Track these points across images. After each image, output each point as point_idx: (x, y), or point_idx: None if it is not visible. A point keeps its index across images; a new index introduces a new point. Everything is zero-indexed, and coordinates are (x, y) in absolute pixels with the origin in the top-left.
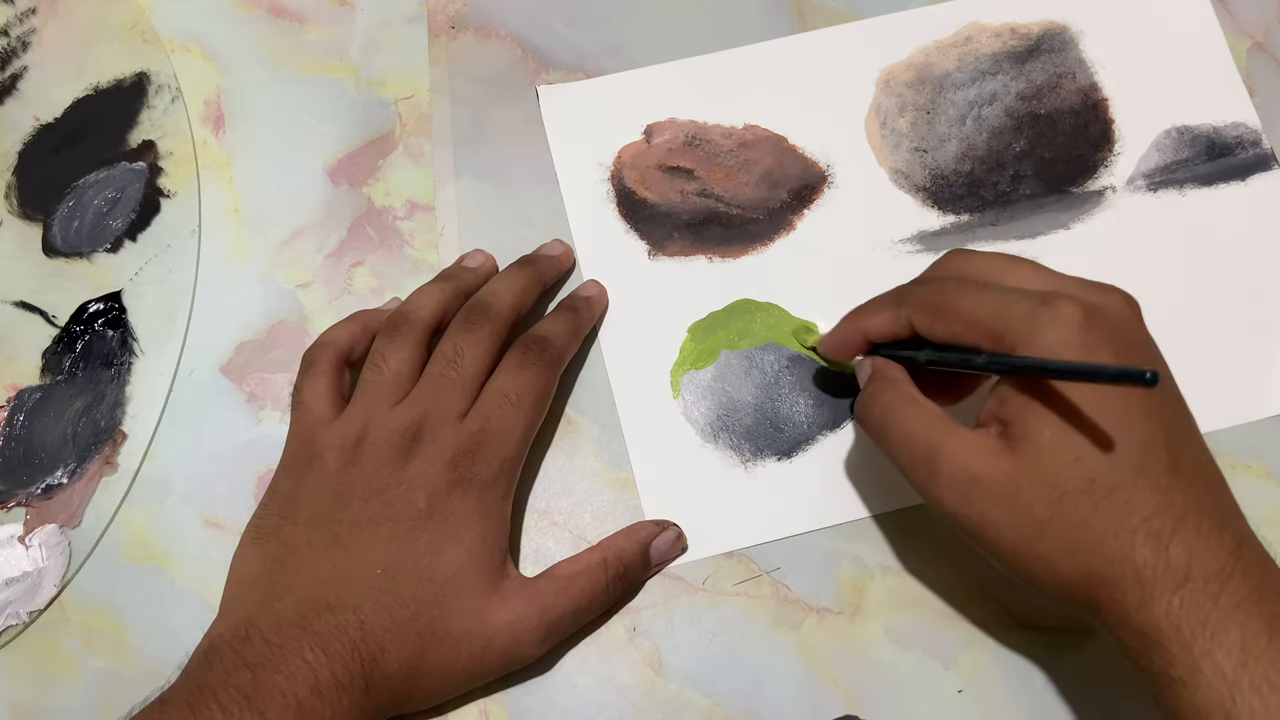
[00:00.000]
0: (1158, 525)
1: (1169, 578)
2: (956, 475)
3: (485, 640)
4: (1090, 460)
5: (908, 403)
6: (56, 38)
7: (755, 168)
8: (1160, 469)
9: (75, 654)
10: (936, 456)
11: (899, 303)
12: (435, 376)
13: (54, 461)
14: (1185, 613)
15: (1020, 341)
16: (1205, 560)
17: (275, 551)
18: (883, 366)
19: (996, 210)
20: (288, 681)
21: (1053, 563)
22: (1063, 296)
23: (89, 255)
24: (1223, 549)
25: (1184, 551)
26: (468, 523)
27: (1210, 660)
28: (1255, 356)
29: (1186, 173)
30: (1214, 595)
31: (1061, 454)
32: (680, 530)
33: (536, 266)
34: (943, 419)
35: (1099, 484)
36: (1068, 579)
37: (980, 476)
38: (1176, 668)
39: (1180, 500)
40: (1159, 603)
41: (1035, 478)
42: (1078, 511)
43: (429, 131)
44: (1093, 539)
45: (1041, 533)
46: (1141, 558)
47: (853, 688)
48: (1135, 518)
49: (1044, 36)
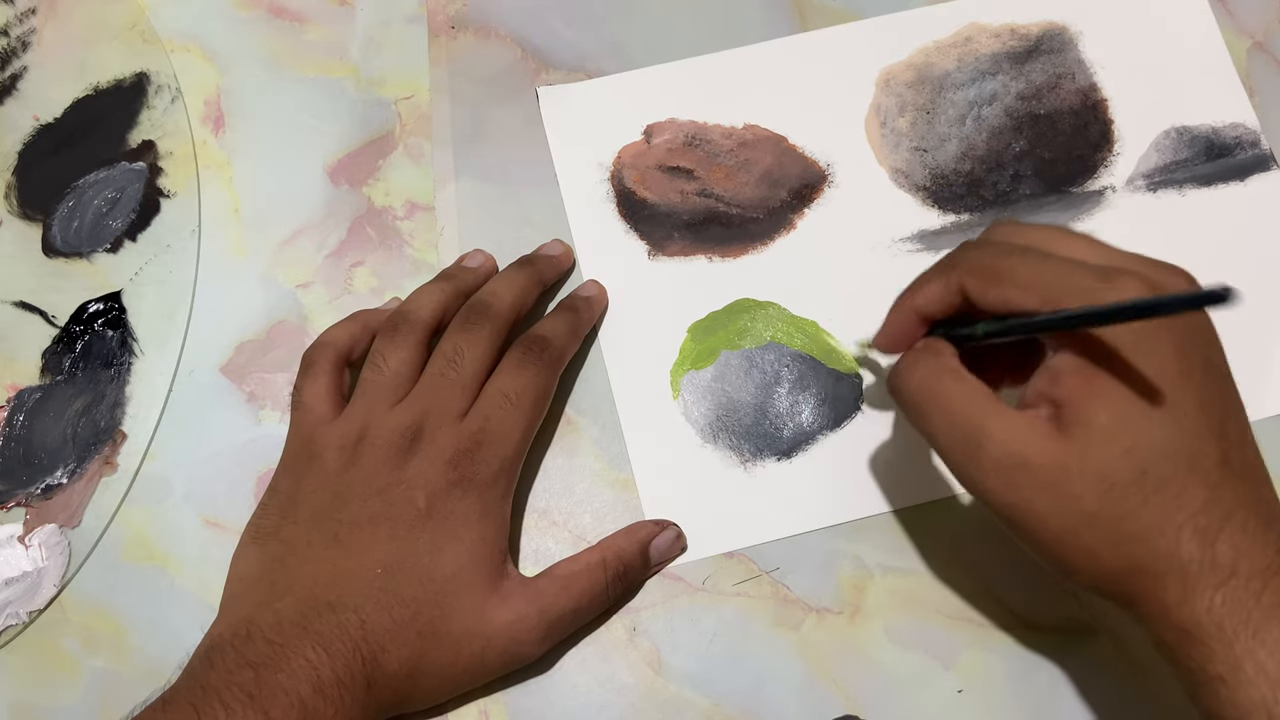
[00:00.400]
0: (1205, 521)
1: (1214, 574)
2: (1003, 460)
3: (485, 640)
4: (1143, 451)
5: (951, 376)
6: (56, 38)
7: (755, 167)
8: (1211, 464)
9: (75, 654)
10: (982, 438)
11: (951, 268)
12: (435, 376)
13: (54, 461)
14: (1227, 609)
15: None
16: (1251, 557)
17: (275, 551)
18: (924, 341)
19: (996, 210)
20: (290, 680)
21: (1097, 554)
22: (1127, 273)
23: (89, 255)
24: (1269, 547)
25: (1230, 549)
26: (467, 522)
27: (1252, 658)
28: (1255, 356)
29: (1186, 173)
30: (1257, 593)
31: (1115, 443)
32: (680, 530)
33: (536, 266)
34: (989, 397)
35: (1150, 476)
36: (1109, 571)
37: (1030, 462)
38: (1216, 664)
39: (1229, 496)
40: (1201, 599)
41: (1086, 466)
42: (1127, 504)
43: (429, 131)
44: (1140, 532)
45: (1089, 524)
46: (1188, 553)
47: (853, 688)
48: (1184, 513)
49: (1043, 37)
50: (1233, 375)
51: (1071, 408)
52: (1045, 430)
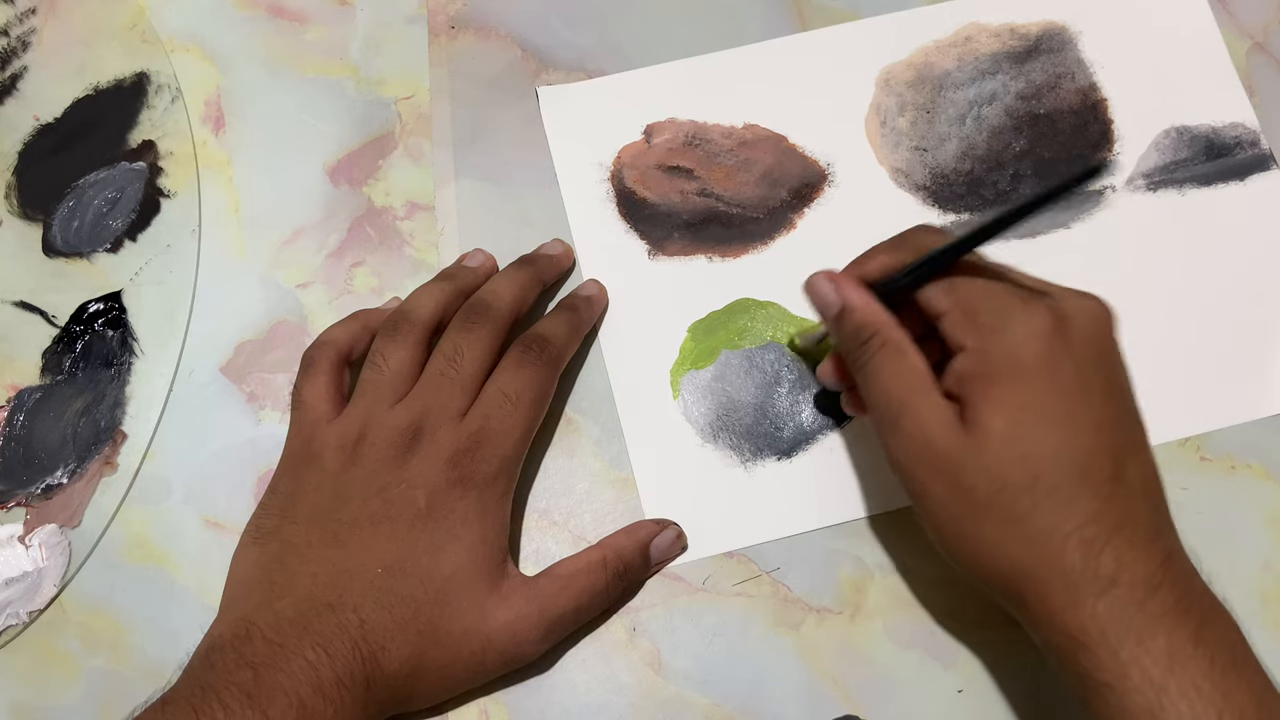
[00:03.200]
0: (1092, 532)
1: (1096, 583)
2: (914, 437)
3: (485, 639)
4: (1036, 458)
5: (896, 352)
6: (56, 38)
7: (755, 167)
8: (1103, 478)
9: (75, 654)
10: (902, 413)
11: (899, 246)
12: (435, 376)
13: (54, 461)
14: (1110, 618)
15: (990, 327)
16: (1134, 570)
17: (275, 551)
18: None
19: (997, 210)
20: (290, 680)
21: (983, 549)
22: (1042, 299)
23: (89, 255)
24: (1152, 560)
25: (1113, 560)
26: (467, 522)
27: (1138, 665)
28: (1254, 356)
29: (1185, 173)
30: (1140, 602)
31: (1010, 447)
32: (680, 529)
33: (536, 265)
34: (922, 377)
35: (1042, 483)
36: (995, 569)
37: (933, 445)
38: (1103, 672)
39: (1118, 510)
40: (1084, 606)
41: (980, 462)
42: (1017, 506)
43: (429, 131)
44: (1027, 536)
45: (978, 516)
46: (1071, 562)
47: (853, 688)
48: (1071, 522)
49: (1043, 37)
50: (1135, 397)
51: (971, 409)
52: (953, 420)
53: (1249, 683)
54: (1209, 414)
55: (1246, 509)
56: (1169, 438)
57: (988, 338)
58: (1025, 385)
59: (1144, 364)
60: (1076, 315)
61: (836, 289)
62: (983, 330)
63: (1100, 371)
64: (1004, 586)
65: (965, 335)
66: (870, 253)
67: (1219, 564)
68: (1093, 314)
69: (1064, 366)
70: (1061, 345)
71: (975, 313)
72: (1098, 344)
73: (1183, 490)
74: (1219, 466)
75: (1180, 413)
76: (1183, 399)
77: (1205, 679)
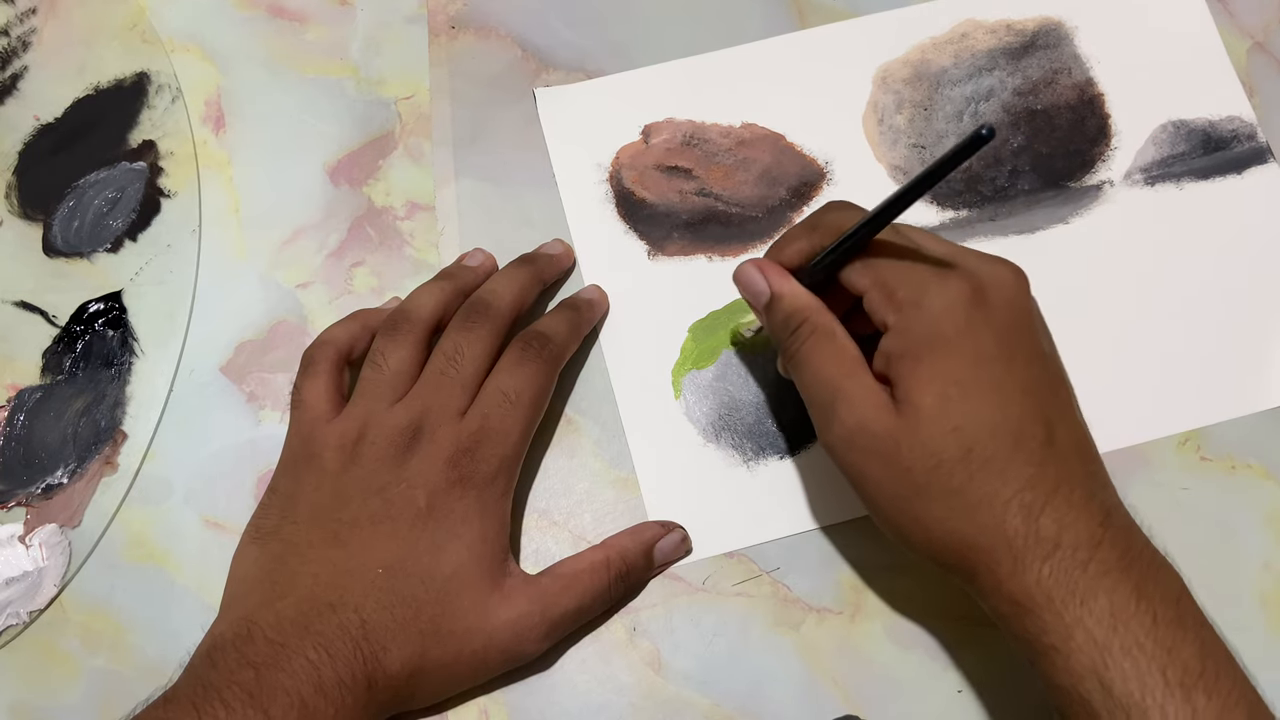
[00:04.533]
0: (1030, 497)
1: (1039, 547)
2: (848, 422)
3: (487, 638)
4: (968, 430)
5: (826, 337)
6: (56, 38)
7: (754, 166)
8: (1036, 443)
9: (75, 654)
10: (836, 398)
11: (812, 229)
12: (435, 375)
13: (54, 461)
14: (1055, 581)
15: (908, 302)
16: (1075, 530)
17: (276, 551)
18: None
19: (995, 206)
20: (291, 680)
21: (927, 525)
22: (956, 270)
23: (89, 255)
24: (1092, 519)
25: (1054, 522)
26: (468, 521)
27: (1081, 626)
28: (1252, 349)
29: (1183, 166)
30: (1083, 563)
31: (941, 422)
32: (686, 533)
33: (536, 265)
34: (854, 361)
35: (975, 454)
36: (941, 543)
37: (868, 429)
38: (1049, 635)
39: (1054, 473)
40: (1030, 571)
41: (915, 441)
42: (954, 479)
43: (429, 131)
44: (967, 507)
45: (918, 494)
46: (1013, 528)
47: (853, 688)
48: (1009, 489)
49: (1039, 32)
50: (1060, 358)
51: (901, 388)
52: (885, 402)
53: (1193, 636)
54: (1206, 407)
55: (1246, 509)
56: (1167, 431)
57: (908, 314)
58: (949, 358)
59: (1141, 358)
60: (992, 283)
61: (765, 278)
62: (902, 307)
63: (1021, 336)
64: (952, 561)
65: (886, 313)
66: (787, 236)
67: (1219, 564)
68: (1007, 280)
69: (985, 335)
70: (980, 314)
71: (893, 290)
72: (1015, 309)
73: (1183, 490)
74: (1219, 466)
75: (1178, 406)
76: (1180, 392)
77: (1148, 636)
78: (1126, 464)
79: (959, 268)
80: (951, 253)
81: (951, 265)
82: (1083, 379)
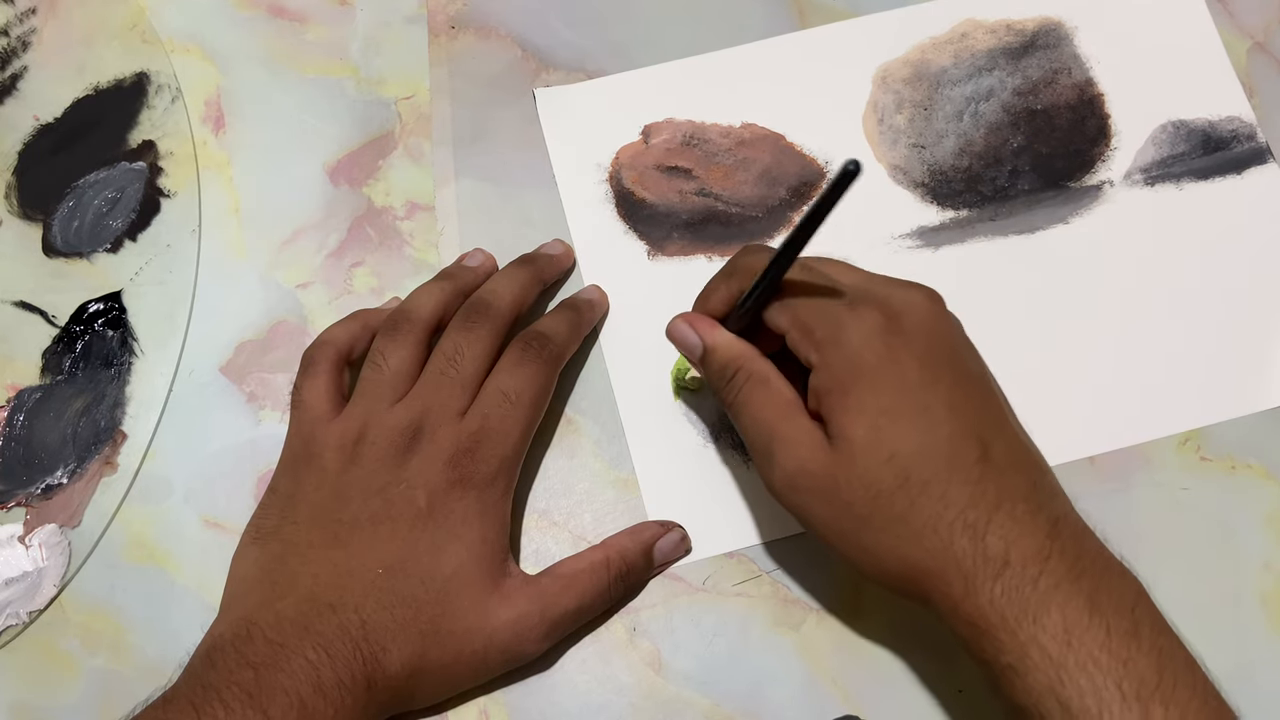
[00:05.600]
0: (973, 516)
1: (989, 566)
2: (787, 465)
3: (487, 638)
4: (902, 457)
5: (760, 384)
6: (56, 38)
7: (753, 166)
8: (970, 461)
9: (75, 654)
10: (774, 443)
11: (730, 275)
12: (435, 375)
13: (54, 461)
14: (1007, 599)
15: (828, 341)
16: (1022, 545)
17: (276, 551)
18: (741, 349)
19: (995, 205)
20: (290, 680)
21: (877, 556)
22: (867, 301)
23: (89, 255)
24: (1039, 531)
25: (1000, 539)
26: (468, 521)
27: (1036, 644)
28: (1252, 349)
29: (1183, 167)
30: (1033, 579)
31: (874, 453)
32: (685, 533)
33: (536, 265)
34: (789, 405)
35: (913, 480)
36: (894, 572)
37: (807, 469)
38: (1006, 655)
39: (994, 489)
40: (982, 592)
41: (853, 476)
42: (895, 508)
43: (429, 131)
44: (912, 534)
45: (863, 527)
46: (961, 549)
47: (853, 688)
48: (951, 510)
49: (1039, 32)
50: (989, 373)
51: (833, 424)
52: (820, 441)
53: (1148, 645)
54: (1207, 408)
55: (1246, 509)
56: (1167, 431)
57: (828, 351)
58: (874, 389)
59: (1141, 358)
60: (905, 308)
61: (697, 331)
62: (822, 345)
63: (942, 357)
64: (908, 588)
65: (808, 351)
66: (709, 286)
67: (1219, 564)
68: (919, 303)
69: (906, 361)
70: (899, 341)
71: (810, 329)
72: (931, 331)
73: (1183, 490)
74: (1219, 466)
75: (1178, 406)
76: (1180, 392)
77: (1102, 649)
78: (1126, 464)
79: (870, 298)
80: (862, 283)
81: (863, 296)
82: (1083, 379)
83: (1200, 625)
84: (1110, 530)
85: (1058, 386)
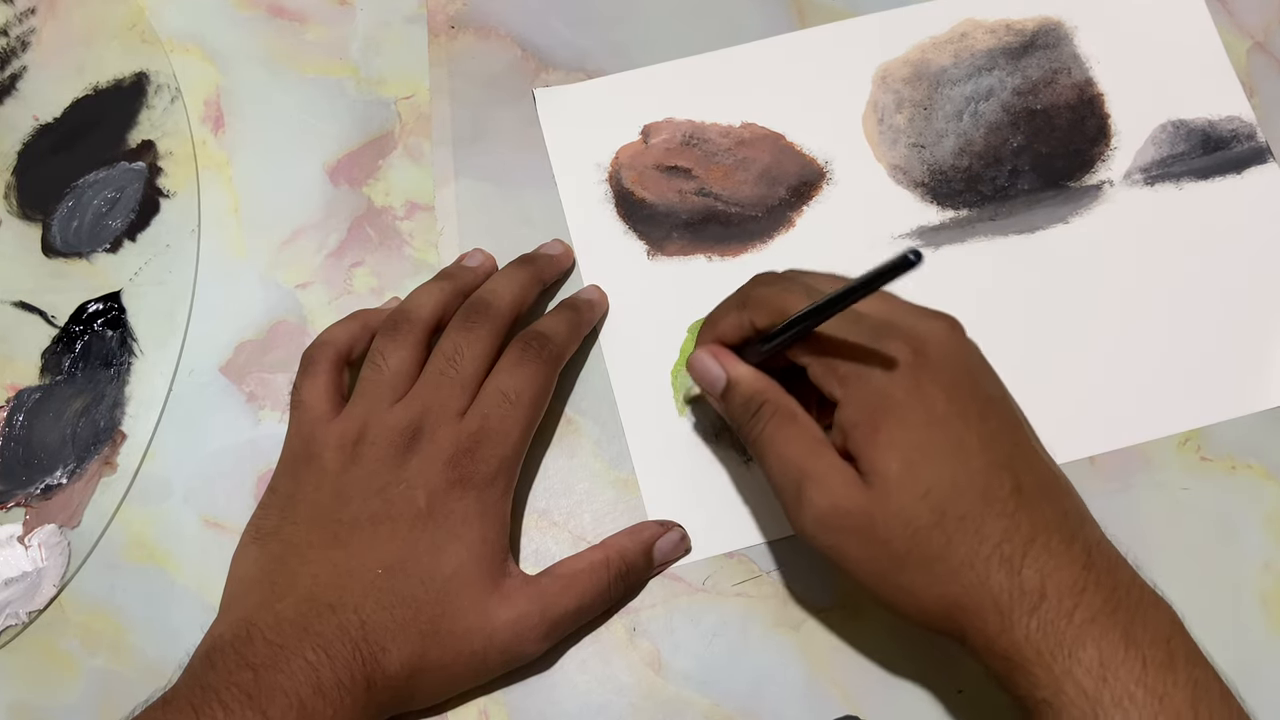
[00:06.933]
0: (1009, 550)
1: (1025, 601)
2: (819, 505)
3: (487, 638)
4: (938, 493)
5: (787, 420)
6: (56, 38)
7: (753, 166)
8: (1005, 493)
9: (75, 654)
10: (803, 483)
11: (741, 305)
12: (434, 375)
13: (53, 461)
14: (1043, 634)
15: (852, 375)
16: (1058, 578)
17: (275, 551)
18: (765, 383)
19: (995, 205)
20: (290, 681)
21: (914, 594)
22: (891, 334)
23: (89, 255)
24: (1074, 563)
25: (1036, 573)
26: (468, 521)
27: (1071, 679)
28: (1252, 349)
29: (1183, 166)
30: (1069, 612)
31: (910, 489)
32: (684, 532)
33: (536, 265)
34: (817, 441)
35: (949, 516)
36: (930, 610)
37: (840, 508)
38: (1041, 689)
39: (1027, 522)
40: (1018, 627)
41: (888, 513)
42: (933, 545)
43: (429, 131)
44: (949, 570)
45: (900, 566)
46: (997, 583)
47: (853, 688)
48: (987, 545)
49: (1039, 32)
50: (1010, 398)
51: (864, 460)
52: (853, 478)
53: (1184, 678)
54: (1207, 408)
55: (1246, 509)
56: (1167, 431)
57: (853, 386)
58: (904, 424)
59: (1141, 357)
60: (930, 339)
61: (720, 364)
62: (846, 380)
63: (968, 388)
64: (943, 625)
65: (833, 386)
66: (719, 312)
67: (1219, 564)
68: (942, 333)
69: (934, 394)
70: (927, 374)
71: (834, 363)
72: (956, 362)
73: (1183, 490)
74: (1219, 466)
75: (1178, 406)
76: (1180, 392)
77: (1138, 684)
78: (1126, 464)
79: (893, 330)
80: (883, 313)
81: (886, 329)
82: (1083, 379)
83: (1200, 625)
84: (1110, 530)
85: (1058, 386)
